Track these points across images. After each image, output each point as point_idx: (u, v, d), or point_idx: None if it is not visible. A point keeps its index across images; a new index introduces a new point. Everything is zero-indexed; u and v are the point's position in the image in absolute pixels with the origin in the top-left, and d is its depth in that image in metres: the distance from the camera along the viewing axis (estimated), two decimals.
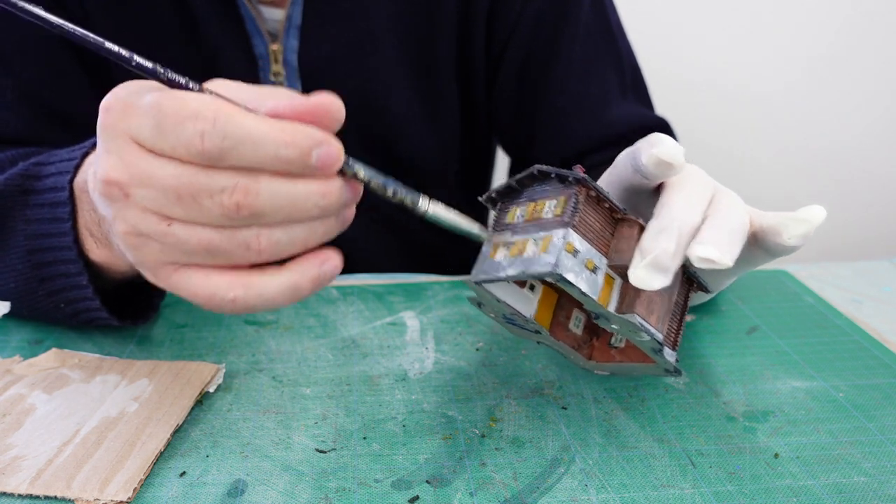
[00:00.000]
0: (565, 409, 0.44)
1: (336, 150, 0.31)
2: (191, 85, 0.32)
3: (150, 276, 0.35)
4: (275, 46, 0.62)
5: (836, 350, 0.50)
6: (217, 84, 0.33)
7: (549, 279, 0.34)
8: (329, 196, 0.32)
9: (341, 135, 0.33)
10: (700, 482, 0.38)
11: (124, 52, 0.32)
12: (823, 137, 1.44)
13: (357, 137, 0.67)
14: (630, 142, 0.67)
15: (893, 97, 1.42)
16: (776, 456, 0.40)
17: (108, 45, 0.31)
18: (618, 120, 0.67)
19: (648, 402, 0.44)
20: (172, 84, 0.32)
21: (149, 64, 0.32)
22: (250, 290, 0.32)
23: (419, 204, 0.35)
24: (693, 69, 1.37)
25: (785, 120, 1.43)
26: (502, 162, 0.86)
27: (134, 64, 0.32)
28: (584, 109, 0.67)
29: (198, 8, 0.60)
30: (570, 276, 0.34)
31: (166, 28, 0.61)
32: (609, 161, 0.42)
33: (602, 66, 0.67)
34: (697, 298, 0.48)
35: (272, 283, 0.33)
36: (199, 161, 0.30)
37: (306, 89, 0.64)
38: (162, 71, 0.32)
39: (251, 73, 0.63)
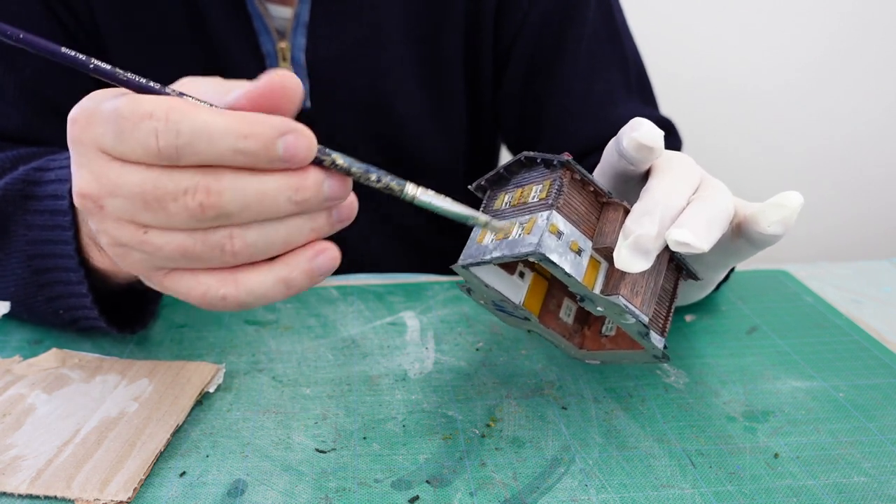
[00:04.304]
0: (565, 409, 0.44)
1: (305, 138, 0.30)
2: (152, 85, 0.31)
3: (146, 281, 0.35)
4: (282, 44, 0.62)
5: (836, 350, 0.50)
6: (183, 83, 0.32)
7: (532, 259, 0.34)
8: (304, 190, 0.30)
9: (348, 132, 0.32)
10: (700, 482, 0.38)
11: (81, 57, 0.30)
12: (824, 137, 1.44)
13: (364, 135, 0.67)
14: None
15: (893, 97, 1.42)
16: (776, 456, 0.40)
17: (64, 50, 0.30)
18: (622, 119, 0.67)
19: (648, 402, 0.44)
20: (132, 86, 0.31)
21: (107, 66, 0.31)
22: (240, 287, 0.32)
23: (406, 190, 0.33)
24: (694, 69, 1.37)
25: (785, 119, 1.43)
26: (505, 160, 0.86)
27: (91, 67, 0.30)
28: (590, 109, 0.67)
29: (205, 5, 0.60)
30: (553, 257, 0.34)
31: (173, 26, 0.61)
32: None
33: (607, 66, 0.67)
34: (695, 294, 0.48)
35: (262, 279, 0.32)
36: (158, 162, 0.29)
37: (314, 87, 0.64)
38: (121, 73, 0.31)
39: (258, 71, 0.63)
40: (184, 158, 0.29)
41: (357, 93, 0.65)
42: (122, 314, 0.49)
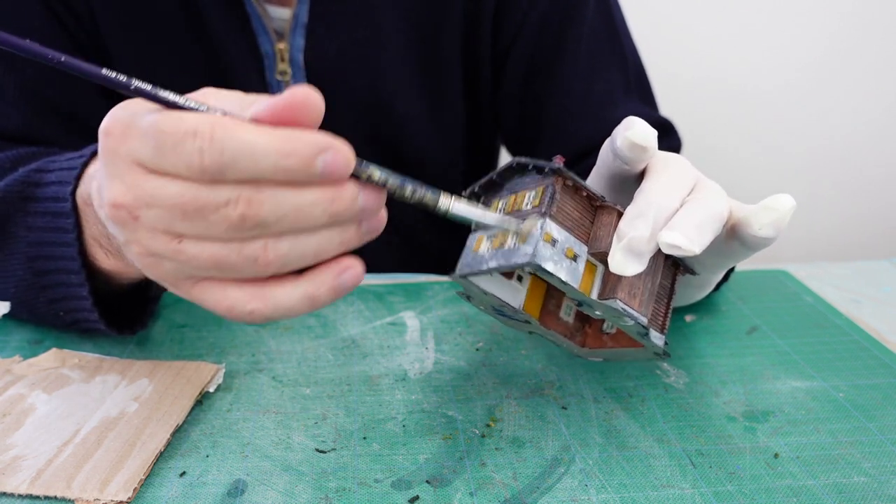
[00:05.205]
0: (565, 409, 0.44)
1: (343, 155, 0.30)
2: (190, 104, 0.31)
3: (172, 290, 0.35)
4: (281, 45, 0.62)
5: (836, 350, 0.50)
6: (206, 93, 0.32)
7: (528, 269, 0.34)
8: (339, 202, 0.31)
9: (347, 133, 0.33)
10: (700, 482, 0.38)
11: (122, 78, 0.31)
12: (824, 137, 1.44)
13: (363, 136, 0.67)
14: None
15: (893, 97, 1.42)
16: (776, 456, 0.40)
17: (105, 71, 0.31)
18: (622, 120, 0.67)
19: (648, 402, 0.44)
20: (171, 105, 0.31)
21: (147, 87, 0.31)
22: (267, 302, 0.32)
23: (440, 202, 0.33)
24: (694, 69, 1.37)
25: (785, 119, 1.43)
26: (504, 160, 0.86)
27: (133, 88, 0.31)
28: (589, 109, 0.67)
29: (204, 6, 0.60)
30: (548, 266, 0.34)
31: (172, 26, 0.61)
32: None
33: (607, 67, 0.67)
34: (694, 295, 0.48)
35: (288, 294, 0.32)
36: (200, 178, 0.30)
37: None
38: (161, 92, 0.31)
39: (257, 71, 0.63)
40: (227, 174, 0.29)
41: (356, 93, 0.65)
42: (123, 315, 0.49)
